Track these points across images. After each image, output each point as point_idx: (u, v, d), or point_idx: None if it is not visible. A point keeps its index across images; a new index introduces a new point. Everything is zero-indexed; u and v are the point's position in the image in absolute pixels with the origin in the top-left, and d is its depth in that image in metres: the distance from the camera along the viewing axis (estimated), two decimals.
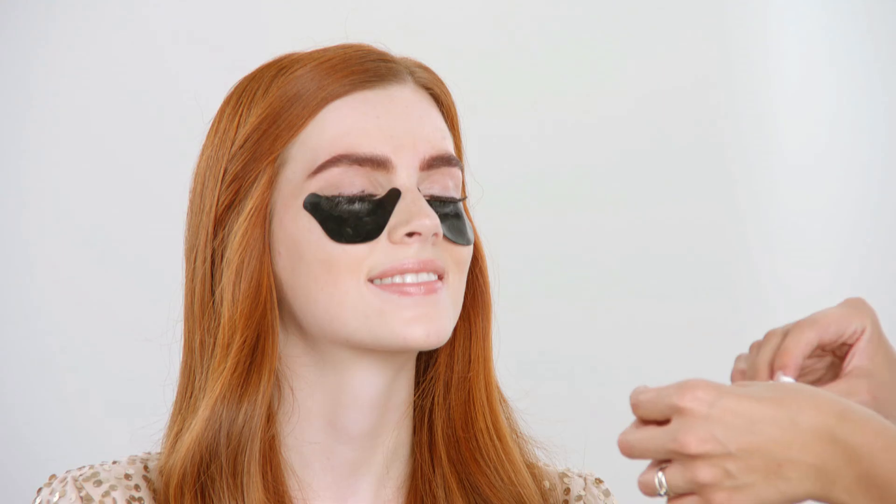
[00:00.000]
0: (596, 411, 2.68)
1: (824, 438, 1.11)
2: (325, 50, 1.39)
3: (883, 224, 2.74)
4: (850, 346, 1.28)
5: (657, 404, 1.14)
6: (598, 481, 1.50)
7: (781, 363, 1.25)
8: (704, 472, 1.12)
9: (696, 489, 1.12)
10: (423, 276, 1.35)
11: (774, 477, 1.12)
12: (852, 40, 2.72)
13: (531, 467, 1.46)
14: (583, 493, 1.48)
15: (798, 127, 2.70)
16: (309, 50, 1.40)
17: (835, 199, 2.75)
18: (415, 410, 1.43)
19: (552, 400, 2.43)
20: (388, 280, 1.34)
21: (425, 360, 1.44)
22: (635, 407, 1.16)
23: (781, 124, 2.69)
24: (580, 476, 1.49)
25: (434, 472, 1.42)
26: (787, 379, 1.21)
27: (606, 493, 1.49)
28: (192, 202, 1.41)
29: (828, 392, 1.15)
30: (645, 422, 1.16)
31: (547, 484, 1.47)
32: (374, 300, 1.34)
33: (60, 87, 2.50)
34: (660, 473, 1.14)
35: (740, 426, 1.12)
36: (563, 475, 1.49)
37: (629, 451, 1.16)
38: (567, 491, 1.48)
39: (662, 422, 1.14)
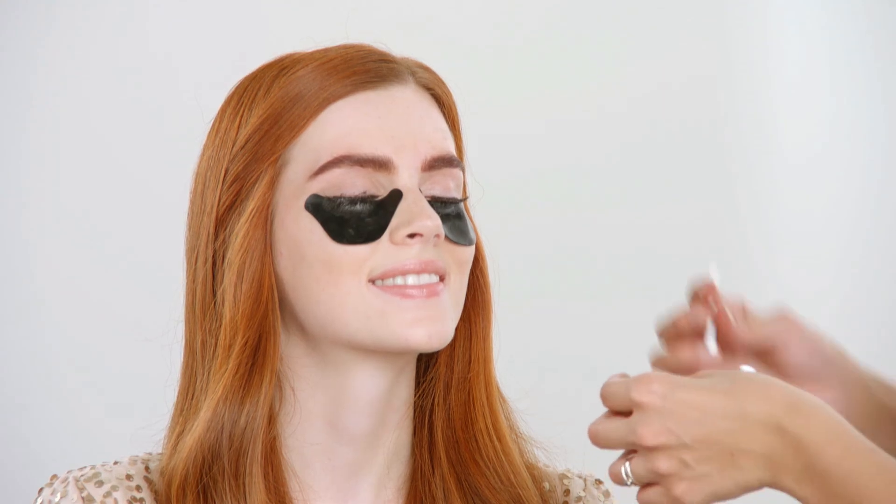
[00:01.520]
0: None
1: (772, 429, 1.14)
2: (326, 50, 1.39)
3: (883, 224, 2.74)
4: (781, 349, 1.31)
5: (619, 397, 1.17)
6: (598, 482, 1.50)
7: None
8: (663, 463, 1.15)
9: (657, 479, 1.15)
10: (425, 278, 1.35)
11: (729, 467, 1.15)
12: (852, 40, 2.72)
13: (531, 468, 1.46)
14: (583, 494, 1.48)
15: (798, 127, 2.71)
16: (310, 50, 1.40)
17: (835, 199, 2.75)
18: (415, 411, 1.43)
19: (552, 400, 2.43)
20: (389, 281, 1.34)
21: (425, 361, 1.44)
22: (603, 398, 1.20)
23: (781, 124, 2.69)
24: (580, 477, 1.49)
25: (434, 472, 1.42)
26: (748, 368, 1.23)
27: (606, 495, 1.49)
28: (192, 203, 1.41)
29: (781, 382, 1.17)
30: (614, 413, 1.19)
31: (546, 485, 1.47)
32: (375, 301, 1.34)
33: (61, 87, 2.50)
34: (626, 464, 1.18)
35: (693, 418, 1.15)
36: (562, 476, 1.49)
37: (596, 441, 1.20)
38: (567, 492, 1.48)
39: (626, 413, 1.17)
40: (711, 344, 1.33)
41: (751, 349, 1.33)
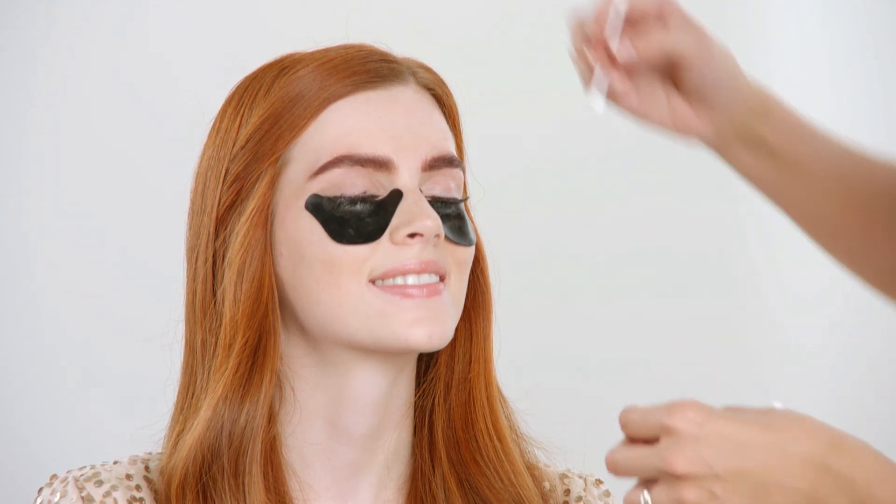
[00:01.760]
0: (596, 412, 2.68)
1: (815, 466, 1.12)
2: (326, 50, 1.39)
3: None
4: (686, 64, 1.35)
5: (646, 423, 1.14)
6: (599, 482, 1.50)
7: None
8: (690, 493, 1.12)
9: None
10: (425, 278, 1.35)
11: (761, 502, 1.12)
12: (852, 40, 2.71)
13: (531, 468, 1.46)
14: (583, 493, 1.48)
15: None
16: (310, 50, 1.40)
17: None
18: (415, 411, 1.43)
19: (552, 400, 2.43)
20: (389, 281, 1.34)
21: (426, 361, 1.44)
22: (624, 425, 1.16)
23: None
24: (580, 477, 1.49)
25: (434, 472, 1.42)
26: (779, 405, 1.22)
27: (607, 494, 1.49)
28: (193, 202, 1.41)
29: (819, 420, 1.15)
30: (633, 440, 1.16)
31: (547, 485, 1.47)
32: (375, 301, 1.34)
33: (61, 87, 2.50)
34: (645, 492, 1.14)
35: (729, 449, 1.12)
36: (563, 476, 1.49)
37: (615, 469, 1.16)
38: (567, 492, 1.48)
39: (650, 441, 1.15)
40: (597, 99, 1.34)
41: (655, 62, 1.34)
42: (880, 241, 1.40)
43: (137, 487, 1.38)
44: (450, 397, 1.43)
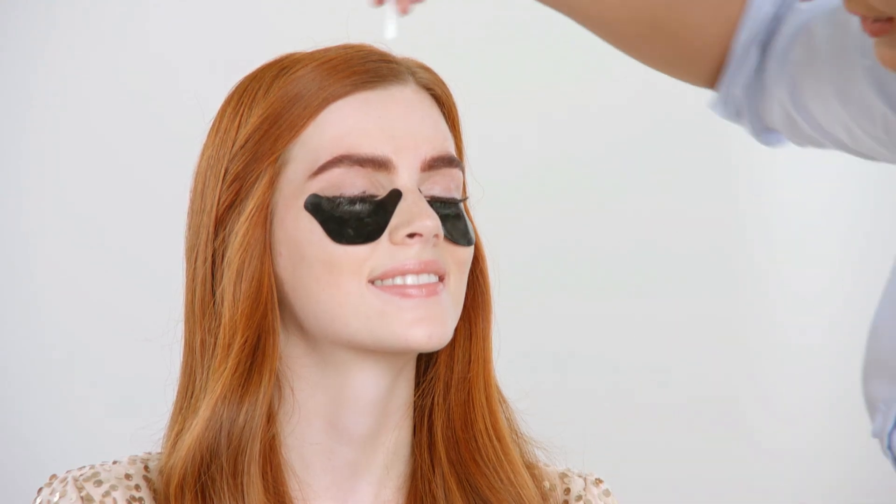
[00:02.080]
0: (596, 412, 2.68)
1: None
2: (326, 50, 1.39)
3: (883, 220, 2.74)
4: None
5: None
6: (598, 481, 1.50)
7: None
8: None
9: None
10: (424, 278, 1.35)
11: None
12: None
13: (531, 468, 1.46)
14: (583, 493, 1.48)
15: None
16: (310, 50, 1.40)
17: (835, 195, 2.74)
18: (415, 410, 1.43)
19: (552, 400, 2.43)
20: (388, 281, 1.34)
21: (425, 361, 1.44)
22: None
23: None
24: (580, 476, 1.49)
25: (434, 472, 1.42)
26: None
27: (606, 493, 1.49)
28: (192, 202, 1.41)
29: None
30: None
31: (547, 484, 1.47)
32: (375, 301, 1.34)
33: (61, 87, 2.50)
34: None
35: None
36: (563, 475, 1.49)
37: None
38: (567, 491, 1.48)
39: None
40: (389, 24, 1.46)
41: None
42: (661, 47, 1.62)
43: (137, 487, 1.38)
44: (449, 397, 1.43)
